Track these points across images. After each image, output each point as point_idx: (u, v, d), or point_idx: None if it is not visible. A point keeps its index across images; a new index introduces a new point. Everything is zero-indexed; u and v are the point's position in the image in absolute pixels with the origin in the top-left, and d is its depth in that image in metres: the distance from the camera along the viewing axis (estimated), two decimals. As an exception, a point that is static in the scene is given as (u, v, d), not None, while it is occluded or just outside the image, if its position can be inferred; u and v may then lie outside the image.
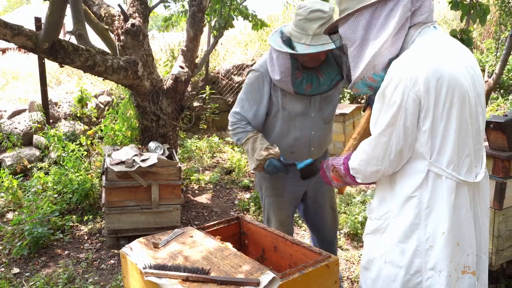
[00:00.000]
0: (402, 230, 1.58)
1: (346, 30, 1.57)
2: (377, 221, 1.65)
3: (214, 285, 1.49)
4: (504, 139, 2.73)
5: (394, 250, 1.59)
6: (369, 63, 1.53)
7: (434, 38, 1.54)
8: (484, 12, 2.59)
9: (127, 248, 1.83)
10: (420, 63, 1.45)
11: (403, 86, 1.44)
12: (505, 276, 3.15)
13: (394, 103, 1.46)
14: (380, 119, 1.52)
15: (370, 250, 1.68)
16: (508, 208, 2.84)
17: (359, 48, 1.55)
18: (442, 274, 1.57)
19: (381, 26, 1.51)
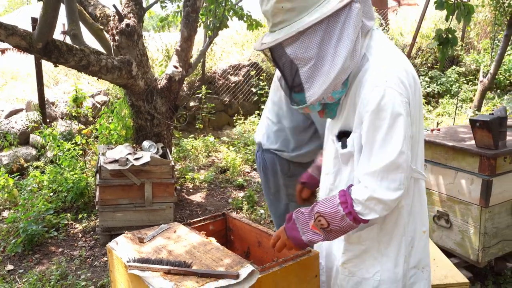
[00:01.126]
0: (394, 242, 1.56)
1: (296, 50, 1.36)
2: (363, 243, 1.57)
3: (195, 277, 1.53)
4: (490, 137, 2.77)
5: (387, 265, 1.57)
6: (332, 82, 1.36)
7: (385, 40, 1.51)
8: (468, 11, 2.63)
9: (113, 243, 1.87)
10: (398, 68, 1.42)
11: (397, 95, 1.37)
12: (493, 273, 3.18)
13: (398, 114, 1.36)
14: (394, 137, 1.37)
15: (354, 274, 1.61)
16: (494, 205, 2.88)
17: (314, 68, 1.36)
18: (426, 270, 1.62)
19: (338, 40, 1.34)
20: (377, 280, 1.57)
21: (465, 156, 2.92)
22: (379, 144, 1.38)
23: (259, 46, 1.45)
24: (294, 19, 1.37)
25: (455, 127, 3.53)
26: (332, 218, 1.45)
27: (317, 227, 1.47)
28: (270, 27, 1.43)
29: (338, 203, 1.45)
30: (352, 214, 1.43)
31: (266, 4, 1.40)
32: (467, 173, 2.92)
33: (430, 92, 9.13)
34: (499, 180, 2.86)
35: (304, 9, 1.36)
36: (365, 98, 1.39)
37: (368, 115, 1.38)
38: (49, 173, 4.64)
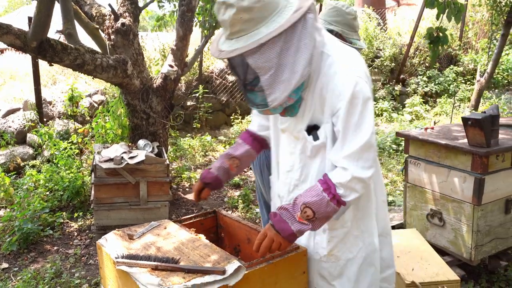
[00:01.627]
0: (368, 216, 1.73)
1: (257, 60, 1.42)
2: (346, 225, 1.68)
3: (181, 273, 1.54)
4: (482, 135, 2.78)
5: (368, 239, 1.73)
6: (293, 87, 1.45)
7: (334, 38, 1.65)
8: (459, 10, 2.64)
9: (103, 240, 1.88)
10: (359, 61, 1.59)
11: (365, 84, 1.53)
12: (487, 271, 3.19)
13: (368, 98, 1.52)
14: (366, 120, 1.51)
15: (339, 258, 1.71)
16: (487, 204, 2.89)
17: (275, 76, 1.43)
18: (389, 235, 1.85)
19: (296, 50, 1.43)
20: (362, 256, 1.72)
21: (458, 154, 2.93)
22: (353, 128, 1.51)
23: (217, 54, 1.50)
24: (252, 28, 1.43)
25: (449, 126, 3.54)
26: (318, 206, 1.51)
27: (303, 218, 1.52)
28: (227, 35, 1.49)
29: (321, 190, 1.53)
30: (336, 197, 1.52)
31: (224, 14, 1.45)
32: (460, 171, 2.93)
33: (428, 92, 9.14)
34: (492, 178, 2.87)
35: (261, 19, 1.43)
36: (338, 89, 1.51)
37: (343, 104, 1.50)
38: (45, 172, 4.65)
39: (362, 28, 9.17)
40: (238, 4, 1.40)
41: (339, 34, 2.47)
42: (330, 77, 1.53)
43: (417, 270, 2.48)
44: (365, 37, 9.05)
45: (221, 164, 1.89)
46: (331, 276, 1.72)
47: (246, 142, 1.93)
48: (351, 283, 1.71)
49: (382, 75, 9.24)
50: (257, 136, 1.94)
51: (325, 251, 1.70)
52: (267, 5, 1.43)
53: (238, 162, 1.90)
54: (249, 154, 1.93)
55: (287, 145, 1.74)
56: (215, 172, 1.89)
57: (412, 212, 3.34)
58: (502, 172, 2.92)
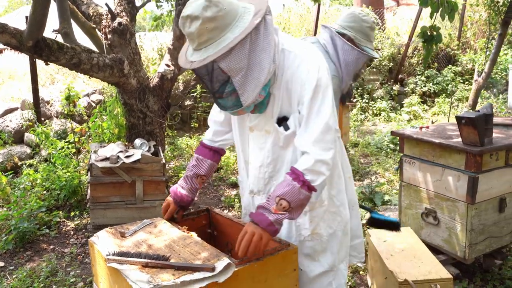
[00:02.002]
0: (341, 192, 1.91)
1: (229, 63, 1.54)
2: (324, 203, 1.84)
3: (171, 270, 1.55)
4: (476, 134, 2.78)
5: (344, 212, 1.92)
6: (262, 84, 1.58)
7: (290, 36, 1.80)
8: (452, 8, 2.65)
9: (95, 237, 1.89)
10: (319, 53, 1.75)
11: (326, 70, 1.69)
12: (481, 270, 3.19)
13: (327, 85, 1.67)
14: (325, 105, 1.64)
15: (322, 236, 1.86)
16: (481, 202, 2.89)
17: (246, 75, 1.57)
18: (355, 208, 2.05)
19: (261, 49, 1.56)
20: (341, 229, 1.89)
21: (452, 153, 2.93)
22: (315, 113, 1.64)
23: (189, 65, 1.60)
24: (218, 36, 1.55)
25: (444, 125, 3.55)
26: (291, 196, 1.60)
27: (279, 210, 1.60)
28: (195, 46, 1.58)
29: (291, 180, 1.63)
30: (306, 183, 1.61)
31: (189, 26, 1.55)
32: (454, 170, 2.93)
33: (426, 92, 9.15)
34: (486, 177, 2.87)
35: (225, 26, 1.55)
36: (302, 79, 1.65)
37: (307, 92, 1.64)
38: (42, 171, 4.66)
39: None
40: (203, 16, 1.52)
41: (351, 39, 2.47)
42: (295, 70, 1.66)
43: (410, 268, 2.49)
44: (363, 37, 9.04)
45: (191, 186, 2.00)
46: (316, 252, 1.85)
47: (207, 157, 2.01)
48: (334, 255, 1.88)
49: (381, 74, 9.25)
50: (214, 148, 2.03)
51: (308, 231, 1.83)
52: (228, 13, 1.55)
53: (205, 178, 2.02)
54: (212, 167, 2.03)
55: (257, 141, 1.84)
56: (190, 196, 2.00)
57: (407, 211, 3.35)
58: (496, 171, 2.93)
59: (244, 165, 1.96)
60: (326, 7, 10.09)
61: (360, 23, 2.44)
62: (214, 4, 1.54)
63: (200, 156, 2.01)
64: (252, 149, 1.86)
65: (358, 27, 2.45)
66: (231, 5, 1.58)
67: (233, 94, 1.61)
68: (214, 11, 1.52)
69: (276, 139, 1.78)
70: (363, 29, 2.45)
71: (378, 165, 5.71)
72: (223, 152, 2.08)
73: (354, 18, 2.47)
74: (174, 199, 2.01)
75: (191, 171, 2.00)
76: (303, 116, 1.66)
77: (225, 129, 2.01)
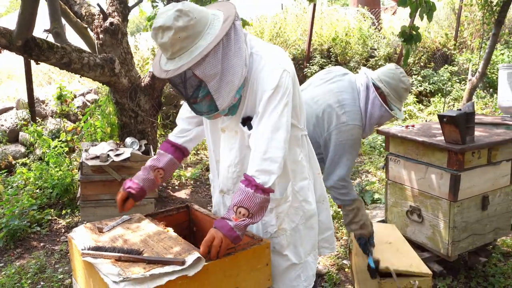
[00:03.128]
0: (306, 188, 1.94)
1: (205, 70, 1.58)
2: (288, 199, 1.88)
3: (143, 264, 1.58)
4: (457, 132, 2.81)
5: (306, 207, 1.95)
6: (237, 87, 1.64)
7: (260, 40, 1.82)
8: (430, 9, 2.68)
9: (73, 233, 1.92)
10: (283, 53, 1.77)
11: (288, 74, 1.71)
12: (466, 267, 3.22)
13: (287, 89, 1.69)
14: (281, 106, 1.67)
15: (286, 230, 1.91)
16: (463, 200, 2.92)
17: (220, 80, 1.62)
18: (325, 202, 2.09)
19: (234, 54, 1.62)
20: (303, 223, 1.94)
21: (435, 151, 2.96)
22: (269, 113, 1.67)
23: (165, 74, 1.62)
24: (191, 44, 1.59)
25: (430, 124, 3.58)
26: (247, 202, 1.63)
27: (239, 218, 1.63)
28: (169, 55, 1.62)
29: (244, 187, 1.66)
30: (259, 187, 1.64)
31: (162, 37, 1.58)
32: (437, 168, 2.96)
33: (422, 91, 9.17)
34: (468, 175, 2.90)
35: (197, 34, 1.59)
36: (265, 79, 1.68)
37: (267, 91, 1.67)
38: (35, 170, 4.70)
39: (356, 27, 9.21)
40: (175, 26, 1.55)
41: (384, 95, 2.48)
42: (260, 71, 1.70)
43: (392, 260, 2.53)
44: (359, 37, 9.09)
45: (146, 176, 1.99)
46: (282, 247, 1.89)
47: (168, 152, 2.02)
48: (297, 248, 1.93)
49: (377, 74, 9.26)
50: (177, 145, 2.04)
51: (274, 227, 1.88)
52: (199, 21, 1.60)
53: (162, 172, 2.01)
54: (173, 163, 2.03)
55: (227, 142, 1.87)
56: (140, 183, 1.98)
57: (392, 209, 3.38)
58: (478, 169, 2.96)
59: (215, 165, 2.00)
60: (323, 7, 10.11)
61: (397, 82, 2.43)
62: (185, 13, 1.57)
63: (161, 151, 2.04)
64: (223, 149, 1.90)
65: (394, 85, 2.44)
66: (201, 13, 1.62)
67: (208, 99, 1.66)
68: (185, 21, 1.56)
69: (242, 139, 1.82)
70: (398, 89, 2.44)
71: (370, 164, 5.74)
72: (186, 152, 2.08)
73: (394, 75, 2.45)
74: (123, 186, 2.02)
75: (150, 162, 2.02)
76: (258, 113, 1.70)
77: (192, 127, 2.05)
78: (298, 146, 1.90)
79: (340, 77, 2.63)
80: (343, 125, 2.43)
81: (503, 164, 3.10)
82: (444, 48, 10.21)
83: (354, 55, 8.88)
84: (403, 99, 2.51)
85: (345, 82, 2.57)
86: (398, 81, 2.45)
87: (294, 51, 8.59)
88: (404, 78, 2.46)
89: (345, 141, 2.42)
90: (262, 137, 1.67)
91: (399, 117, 2.53)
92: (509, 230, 3.28)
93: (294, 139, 1.87)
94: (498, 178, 3.10)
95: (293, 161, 1.89)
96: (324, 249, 2.13)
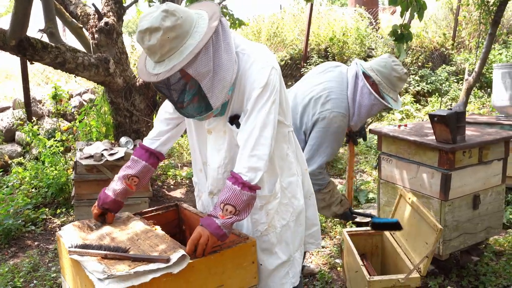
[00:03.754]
0: (294, 184, 1.94)
1: (197, 68, 1.57)
2: (277, 196, 1.87)
3: (128, 261, 1.59)
4: (448, 132, 2.82)
5: (295, 203, 1.94)
6: (229, 84, 1.64)
7: (244, 38, 1.82)
8: (421, 7, 2.70)
9: (62, 231, 1.94)
10: (269, 51, 1.78)
11: (276, 72, 1.71)
12: (458, 266, 3.23)
13: (275, 86, 1.70)
14: (268, 104, 1.68)
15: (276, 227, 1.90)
16: (454, 199, 2.93)
17: (213, 77, 1.61)
18: (312, 197, 2.10)
19: (224, 50, 1.62)
20: (293, 220, 1.94)
21: (426, 150, 2.97)
22: (257, 110, 1.67)
23: (154, 78, 1.58)
24: (180, 44, 1.57)
25: (423, 123, 3.59)
26: (234, 199, 1.63)
27: (225, 216, 1.63)
28: (157, 58, 1.58)
29: (231, 184, 1.65)
30: (246, 184, 1.64)
31: (149, 39, 1.55)
32: (428, 167, 2.97)
33: (420, 91, 9.17)
34: (458, 174, 2.91)
35: (185, 34, 1.58)
36: (253, 78, 1.67)
37: (256, 89, 1.67)
38: (30, 169, 4.72)
39: (354, 27, 9.22)
40: (163, 26, 1.53)
41: (376, 84, 2.46)
42: (247, 69, 1.69)
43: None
44: (356, 37, 9.10)
45: (119, 188, 1.94)
46: (272, 245, 1.88)
47: (142, 159, 1.97)
48: (288, 245, 1.92)
49: (374, 74, 9.28)
50: (152, 150, 1.99)
51: (265, 225, 1.86)
52: (185, 20, 1.58)
53: (137, 180, 1.96)
54: (147, 170, 1.98)
55: (215, 143, 1.85)
56: (113, 197, 1.95)
57: (385, 208, 3.39)
58: (469, 168, 2.97)
59: (202, 167, 1.98)
60: (322, 7, 10.13)
61: (389, 71, 2.42)
62: (171, 13, 1.56)
63: (135, 157, 1.98)
64: (211, 151, 1.88)
65: (386, 74, 2.43)
66: (186, 13, 1.61)
67: (200, 99, 1.64)
68: (172, 20, 1.55)
69: (231, 138, 1.81)
70: (391, 78, 2.42)
71: (366, 163, 5.75)
72: (162, 157, 2.04)
73: (386, 64, 2.45)
74: (97, 202, 1.99)
75: (123, 171, 1.97)
76: (247, 110, 1.69)
77: (170, 127, 1.99)
78: (285, 142, 1.90)
79: (331, 69, 2.64)
80: (327, 112, 2.43)
81: (495, 163, 3.11)
82: (442, 48, 10.22)
83: (352, 55, 8.90)
84: (397, 88, 2.48)
85: (335, 73, 2.57)
86: (390, 69, 2.43)
87: (292, 51, 8.60)
88: (397, 67, 2.44)
89: (326, 128, 2.42)
90: (250, 135, 1.67)
91: (393, 107, 2.50)
92: (500, 229, 3.29)
93: (281, 135, 1.87)
94: (489, 177, 3.11)
95: (281, 158, 1.89)
96: (310, 245, 2.12)
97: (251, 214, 1.84)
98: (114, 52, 4.37)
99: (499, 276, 3.11)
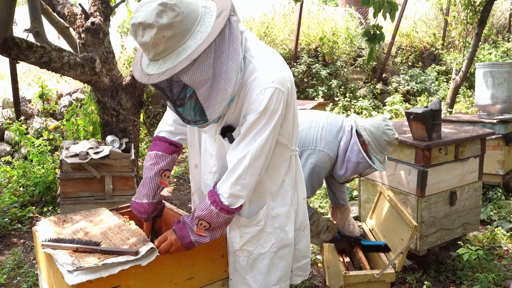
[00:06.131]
0: (284, 215, 1.77)
1: (193, 76, 1.36)
2: (259, 224, 1.73)
3: (98, 254, 1.64)
4: (424, 129, 2.88)
5: (281, 235, 1.76)
6: (230, 96, 1.43)
7: (257, 40, 1.61)
8: (392, 8, 2.76)
9: (37, 226, 1.98)
10: (280, 66, 1.55)
11: (281, 93, 1.50)
12: (437, 262, 3.29)
13: (276, 111, 1.51)
14: (266, 131, 1.51)
15: (252, 253, 1.76)
16: (431, 195, 2.99)
17: (211, 87, 1.40)
18: (306, 229, 1.92)
19: (227, 56, 1.40)
20: (273, 251, 1.77)
21: (403, 148, 3.03)
22: (251, 136, 1.52)
23: (146, 79, 1.40)
24: (177, 44, 1.36)
25: (403, 121, 3.64)
26: (209, 218, 1.58)
27: (201, 230, 1.59)
28: (151, 56, 1.40)
29: (209, 204, 1.58)
30: (224, 208, 1.57)
31: (142, 36, 1.36)
32: (405, 164, 3.03)
33: (409, 90, 9.25)
34: (435, 171, 2.97)
35: (185, 33, 1.36)
36: (253, 97, 1.49)
37: (253, 112, 1.49)
38: (18, 168, 4.74)
39: (343, 27, 9.28)
40: (158, 23, 1.32)
41: (365, 144, 2.51)
42: (249, 83, 1.49)
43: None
44: (346, 36, 9.16)
45: (154, 189, 1.84)
46: (243, 269, 1.77)
47: (167, 152, 1.84)
48: (262, 276, 1.76)
49: (364, 73, 9.35)
50: (172, 141, 1.86)
51: (237, 245, 1.75)
52: (187, 16, 1.36)
53: (169, 173, 1.86)
54: (174, 162, 1.88)
55: (209, 146, 1.72)
56: (151, 201, 1.87)
57: (365, 205, 3.45)
58: (446, 165, 3.03)
59: (194, 169, 1.91)
60: (313, 7, 10.18)
61: (381, 134, 2.46)
62: (170, 8, 1.33)
63: (160, 152, 1.82)
64: (204, 153, 1.76)
65: (377, 136, 2.47)
66: (190, 6, 1.37)
67: (196, 106, 1.47)
68: (170, 17, 1.33)
69: (220, 148, 1.69)
70: (381, 141, 2.46)
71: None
72: (181, 148, 1.90)
73: (379, 126, 2.48)
74: (139, 216, 1.89)
75: (155, 168, 1.80)
76: (241, 133, 1.54)
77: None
78: (284, 167, 1.72)
79: (334, 115, 2.68)
80: (317, 149, 2.48)
81: (471, 160, 3.17)
82: (432, 48, 10.30)
83: (342, 55, 8.95)
84: (385, 151, 2.51)
85: (338, 118, 2.61)
86: (381, 132, 2.46)
87: (282, 50, 8.65)
88: (389, 131, 2.47)
89: (312, 164, 2.46)
90: (240, 162, 1.54)
91: (378, 169, 2.51)
92: (478, 225, 3.35)
93: (281, 159, 1.69)
94: (466, 174, 3.17)
95: (275, 183, 1.71)
96: (297, 277, 1.95)
97: (230, 229, 1.77)
98: (100, 51, 4.40)
99: (476, 271, 3.17)
